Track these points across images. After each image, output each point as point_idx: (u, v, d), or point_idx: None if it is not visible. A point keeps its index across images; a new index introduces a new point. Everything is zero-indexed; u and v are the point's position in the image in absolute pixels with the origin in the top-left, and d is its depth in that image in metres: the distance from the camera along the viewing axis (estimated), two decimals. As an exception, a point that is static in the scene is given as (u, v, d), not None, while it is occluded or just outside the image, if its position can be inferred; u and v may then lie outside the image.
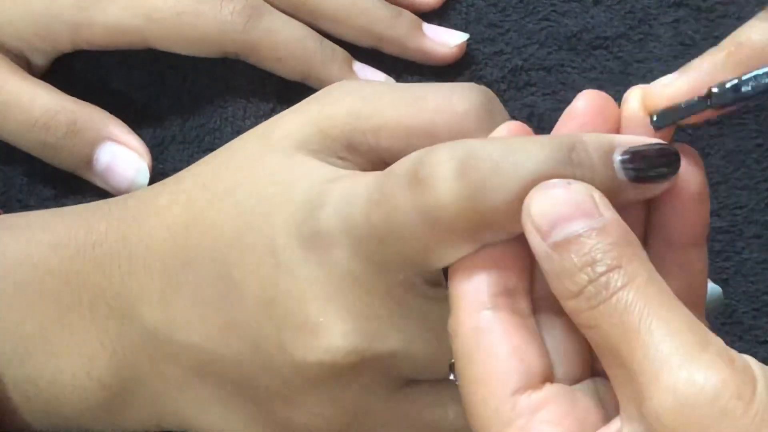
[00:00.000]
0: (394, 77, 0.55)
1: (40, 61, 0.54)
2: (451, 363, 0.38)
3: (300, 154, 0.42)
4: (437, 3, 0.57)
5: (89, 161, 0.53)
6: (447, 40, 0.55)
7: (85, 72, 0.56)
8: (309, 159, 0.41)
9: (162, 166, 0.54)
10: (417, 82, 0.55)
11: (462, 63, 0.56)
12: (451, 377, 0.39)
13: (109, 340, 0.43)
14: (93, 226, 0.44)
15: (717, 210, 0.54)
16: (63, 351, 0.43)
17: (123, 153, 0.52)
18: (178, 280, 0.42)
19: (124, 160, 0.52)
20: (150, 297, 0.42)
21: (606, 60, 0.56)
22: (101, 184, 0.53)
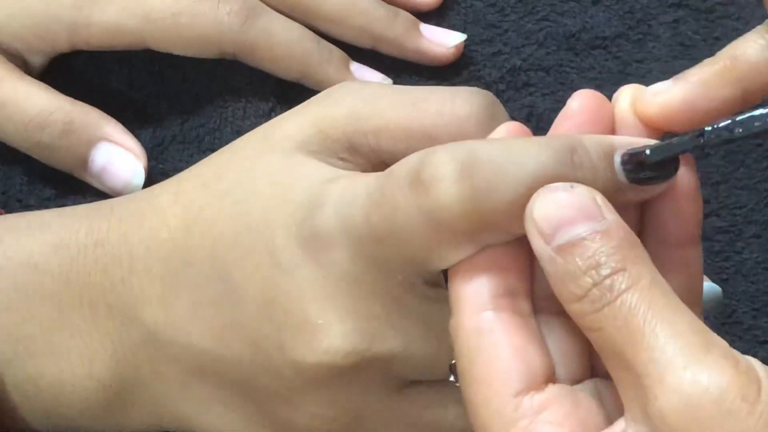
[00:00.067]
0: (392, 77, 0.55)
1: (37, 61, 0.54)
2: (451, 364, 0.38)
3: (300, 155, 0.41)
4: (435, 3, 0.57)
5: (85, 161, 0.52)
6: (444, 40, 0.55)
7: (85, 72, 0.56)
8: (309, 159, 0.41)
9: (162, 166, 0.54)
10: (415, 82, 0.55)
11: (460, 63, 0.55)
12: (451, 378, 0.39)
13: (109, 341, 0.43)
14: (94, 226, 0.44)
15: (717, 210, 0.54)
16: (63, 351, 0.43)
17: (119, 153, 0.52)
18: (178, 281, 0.42)
19: (119, 160, 0.52)
20: (150, 297, 0.42)
21: (605, 60, 0.56)
22: (97, 185, 0.53)
